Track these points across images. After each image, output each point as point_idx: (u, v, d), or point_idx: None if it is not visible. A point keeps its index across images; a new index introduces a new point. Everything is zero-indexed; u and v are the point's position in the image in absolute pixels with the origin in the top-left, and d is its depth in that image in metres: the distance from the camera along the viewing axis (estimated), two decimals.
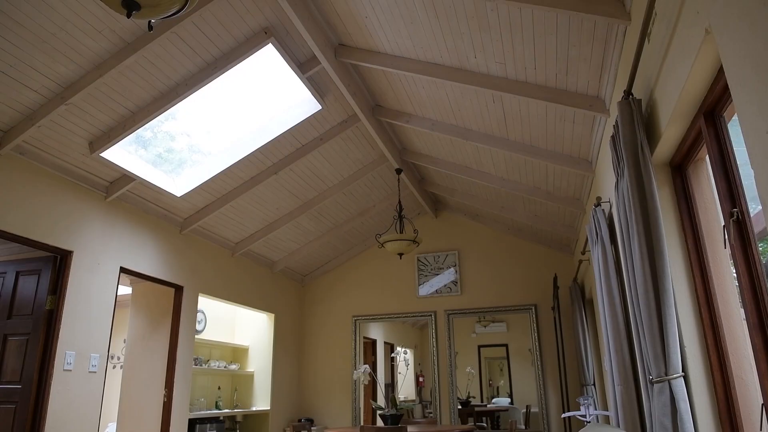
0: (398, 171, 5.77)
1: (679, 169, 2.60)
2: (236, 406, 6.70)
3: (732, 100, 1.75)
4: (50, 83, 3.50)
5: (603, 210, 3.62)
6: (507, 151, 4.56)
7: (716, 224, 2.39)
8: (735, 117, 2.01)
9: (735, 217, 1.90)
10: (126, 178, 4.51)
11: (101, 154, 4.14)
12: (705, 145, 2.16)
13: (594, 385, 5.67)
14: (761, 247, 1.90)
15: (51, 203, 4.07)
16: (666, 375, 2.22)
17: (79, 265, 4.25)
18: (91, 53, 3.41)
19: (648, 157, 2.42)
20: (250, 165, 5.06)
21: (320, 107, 4.65)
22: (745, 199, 1.90)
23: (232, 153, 4.88)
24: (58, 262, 4.17)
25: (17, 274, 4.27)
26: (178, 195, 4.91)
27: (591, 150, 4.14)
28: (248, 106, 4.76)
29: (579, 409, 4.93)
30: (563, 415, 4.68)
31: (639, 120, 2.49)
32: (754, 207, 1.92)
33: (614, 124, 2.72)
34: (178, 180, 4.95)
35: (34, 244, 3.94)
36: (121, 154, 4.35)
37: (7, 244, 4.46)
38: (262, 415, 6.74)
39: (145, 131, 4.65)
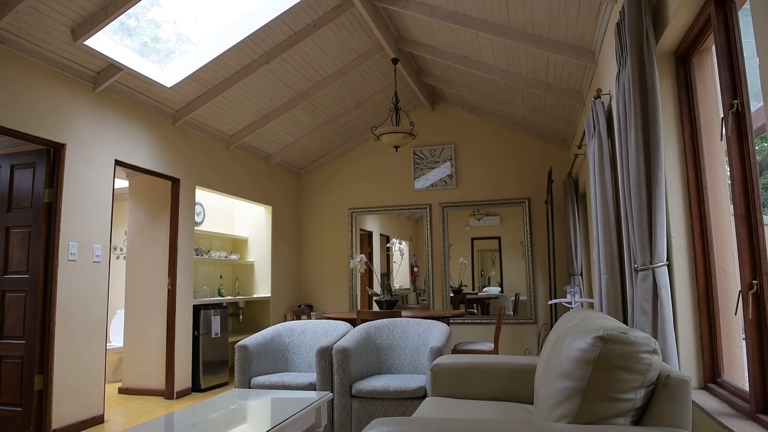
0: (395, 61, 5.59)
1: (684, 60, 2.52)
2: (238, 294, 7.00)
3: None
4: None
5: (602, 102, 3.56)
6: (508, 39, 4.39)
7: (715, 117, 2.37)
8: (746, 5, 1.91)
9: (735, 108, 1.88)
10: (113, 67, 4.35)
11: (85, 42, 3.96)
12: (712, 33, 2.08)
13: (581, 275, 5.90)
14: (758, 146, 1.90)
15: (39, 95, 3.97)
16: (651, 263, 2.30)
17: (74, 158, 4.23)
18: None
19: (652, 46, 2.34)
20: (241, 53, 4.88)
21: None
22: (747, 90, 1.87)
23: (221, 41, 4.69)
24: (52, 155, 4.15)
25: (12, 167, 4.25)
26: (168, 86, 4.77)
27: (594, 39, 3.99)
28: None
29: (565, 297, 5.17)
30: (550, 302, 4.92)
31: (646, 5, 2.38)
32: (755, 105, 1.90)
33: (620, 9, 2.60)
34: (167, 70, 4.79)
35: (26, 137, 3.89)
36: (106, 42, 4.17)
37: None
38: (263, 301, 7.06)
39: (129, 19, 4.42)
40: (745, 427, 1.76)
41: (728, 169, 2.02)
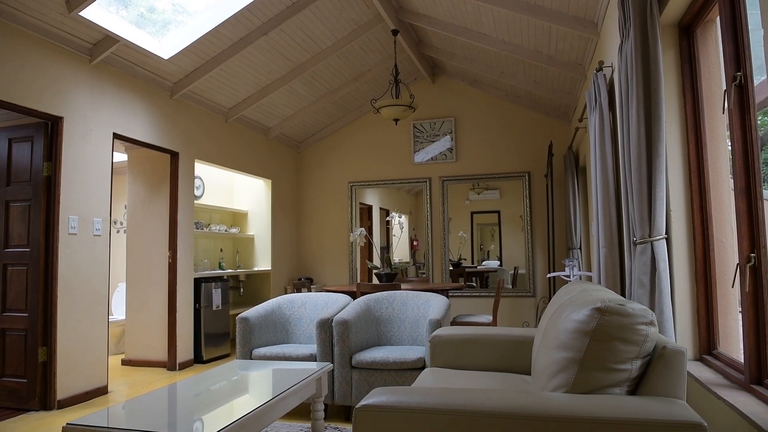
0: (395, 32, 5.51)
1: (687, 31, 2.49)
2: (239, 267, 7.03)
3: None
4: None
5: (604, 75, 3.53)
6: (509, 10, 4.33)
7: (717, 90, 2.35)
8: None
9: (738, 81, 1.86)
10: (109, 39, 4.29)
11: (80, 13, 3.90)
12: (717, 4, 2.05)
13: (580, 248, 5.92)
14: (760, 119, 1.89)
15: (35, 68, 3.92)
16: (649, 237, 2.31)
17: (72, 132, 4.20)
18: None
19: (656, 16, 2.31)
20: (239, 25, 4.81)
21: None
22: (750, 63, 1.85)
23: (218, 12, 4.61)
24: (50, 128, 4.12)
25: (10, 141, 4.23)
26: (165, 58, 4.72)
27: (597, 10, 3.93)
28: None
29: (564, 270, 5.20)
30: (548, 275, 4.95)
31: None
32: (758, 78, 1.88)
33: None
34: (164, 42, 4.72)
35: (23, 110, 3.85)
36: (102, 13, 4.11)
37: None
38: (263, 274, 7.10)
39: None
40: (739, 398, 1.80)
41: (729, 143, 2.02)
